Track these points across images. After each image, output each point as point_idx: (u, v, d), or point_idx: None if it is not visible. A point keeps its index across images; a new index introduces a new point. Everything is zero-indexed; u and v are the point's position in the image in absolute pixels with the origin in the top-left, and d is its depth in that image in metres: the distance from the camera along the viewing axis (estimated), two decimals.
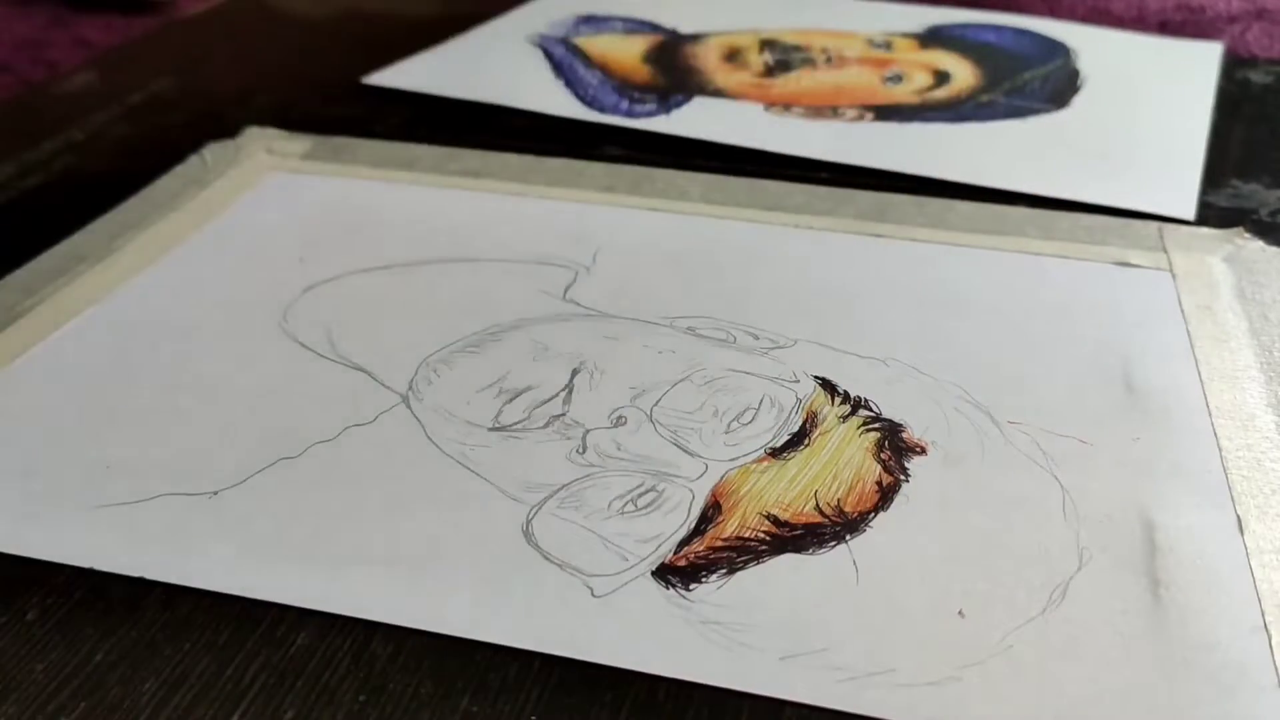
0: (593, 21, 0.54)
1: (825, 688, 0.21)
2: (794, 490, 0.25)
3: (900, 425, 0.27)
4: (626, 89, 0.46)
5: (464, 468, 0.26)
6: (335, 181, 0.39)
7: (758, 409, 0.28)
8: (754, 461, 0.26)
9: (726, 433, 0.27)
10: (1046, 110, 0.45)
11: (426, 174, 0.39)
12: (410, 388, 0.29)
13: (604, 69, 0.49)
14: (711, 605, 0.23)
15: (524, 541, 0.24)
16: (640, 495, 0.25)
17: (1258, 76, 0.49)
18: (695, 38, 0.51)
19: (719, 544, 0.24)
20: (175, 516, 0.25)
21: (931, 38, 0.52)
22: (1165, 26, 0.55)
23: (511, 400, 0.28)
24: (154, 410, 0.28)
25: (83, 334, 0.31)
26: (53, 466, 0.26)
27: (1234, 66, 0.50)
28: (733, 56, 0.49)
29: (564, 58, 0.50)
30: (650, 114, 0.44)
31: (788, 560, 0.24)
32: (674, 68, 0.48)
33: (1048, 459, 0.26)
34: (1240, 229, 0.36)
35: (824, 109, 0.45)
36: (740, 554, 0.24)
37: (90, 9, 0.58)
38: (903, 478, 0.26)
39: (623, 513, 0.25)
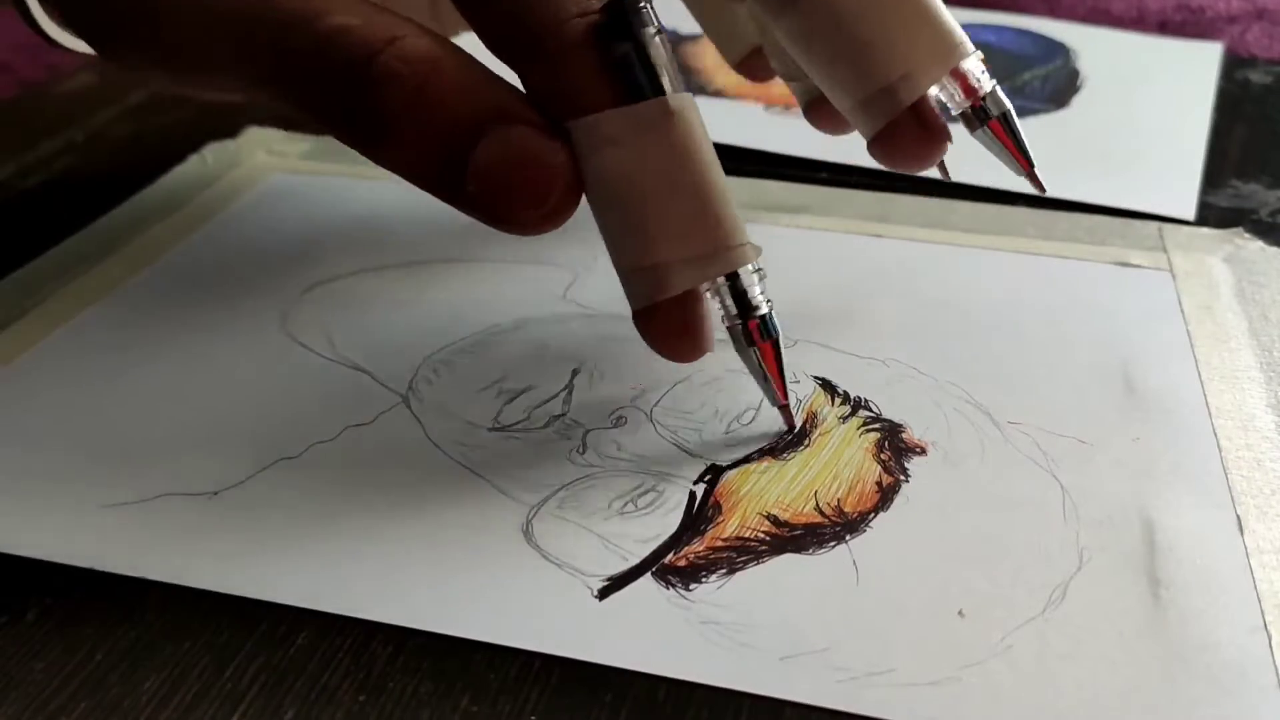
0: None
1: (825, 688, 0.21)
2: (794, 490, 0.25)
3: (900, 425, 0.27)
4: None
5: (464, 468, 0.26)
6: (335, 181, 0.39)
7: (758, 409, 0.28)
8: (754, 462, 0.26)
9: (726, 433, 0.27)
10: (1046, 110, 0.45)
11: None
12: (410, 388, 0.29)
13: None
14: (711, 605, 0.23)
15: (524, 541, 0.24)
16: (640, 495, 0.25)
17: (1258, 76, 0.49)
18: (695, 38, 0.51)
19: (719, 544, 0.24)
20: (175, 516, 0.25)
21: None
22: (1165, 26, 0.55)
23: (511, 400, 0.28)
24: (154, 410, 0.28)
25: (83, 334, 0.31)
26: (53, 466, 0.26)
27: (1234, 66, 0.50)
28: None
29: None
30: None
31: (788, 560, 0.24)
32: None
33: (1048, 459, 0.26)
34: (1240, 229, 0.36)
35: None
36: (740, 554, 0.24)
37: None
38: (903, 478, 0.26)
39: (623, 513, 0.25)
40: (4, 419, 0.28)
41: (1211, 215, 0.37)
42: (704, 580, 0.23)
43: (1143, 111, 0.45)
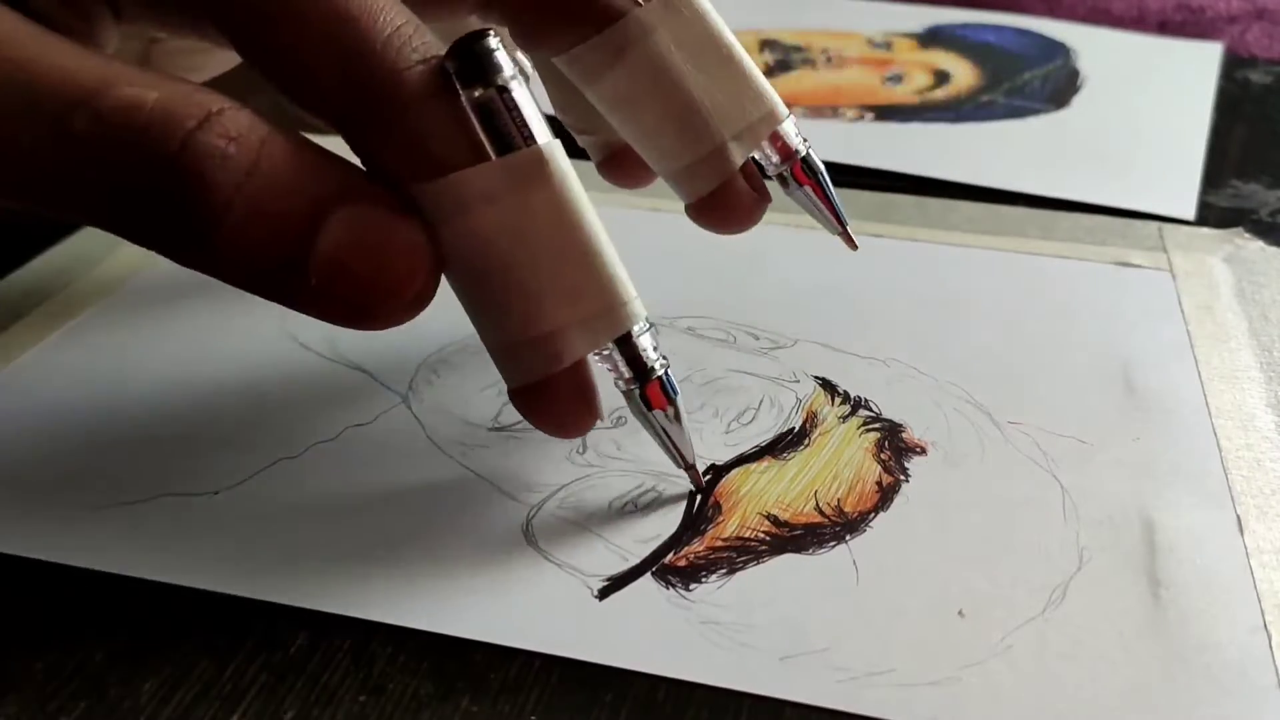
0: None
1: (825, 688, 0.21)
2: (794, 490, 0.25)
3: (900, 425, 0.27)
4: None
5: (464, 468, 0.26)
6: None
7: (758, 409, 0.28)
8: (754, 462, 0.26)
9: (726, 433, 0.27)
10: (1046, 110, 0.45)
11: None
12: (410, 388, 0.29)
13: None
14: (711, 605, 0.23)
15: (524, 541, 0.24)
16: (640, 495, 0.25)
17: (1258, 76, 0.49)
18: None
19: (719, 544, 0.24)
20: (175, 516, 0.25)
21: (931, 38, 0.52)
22: (1165, 26, 0.55)
23: None
24: (154, 410, 0.28)
25: (83, 334, 0.31)
26: (53, 466, 0.26)
27: (1234, 66, 0.50)
28: None
29: None
30: None
31: (788, 560, 0.24)
32: None
33: (1048, 459, 0.26)
34: (1240, 229, 0.36)
35: (824, 109, 0.45)
36: (740, 554, 0.24)
37: None
38: (903, 478, 0.26)
39: (623, 513, 0.25)
40: (4, 419, 0.28)
41: (1211, 215, 0.37)
42: (704, 580, 0.23)
43: (1143, 111, 0.45)
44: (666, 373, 0.23)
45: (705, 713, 0.21)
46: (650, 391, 0.23)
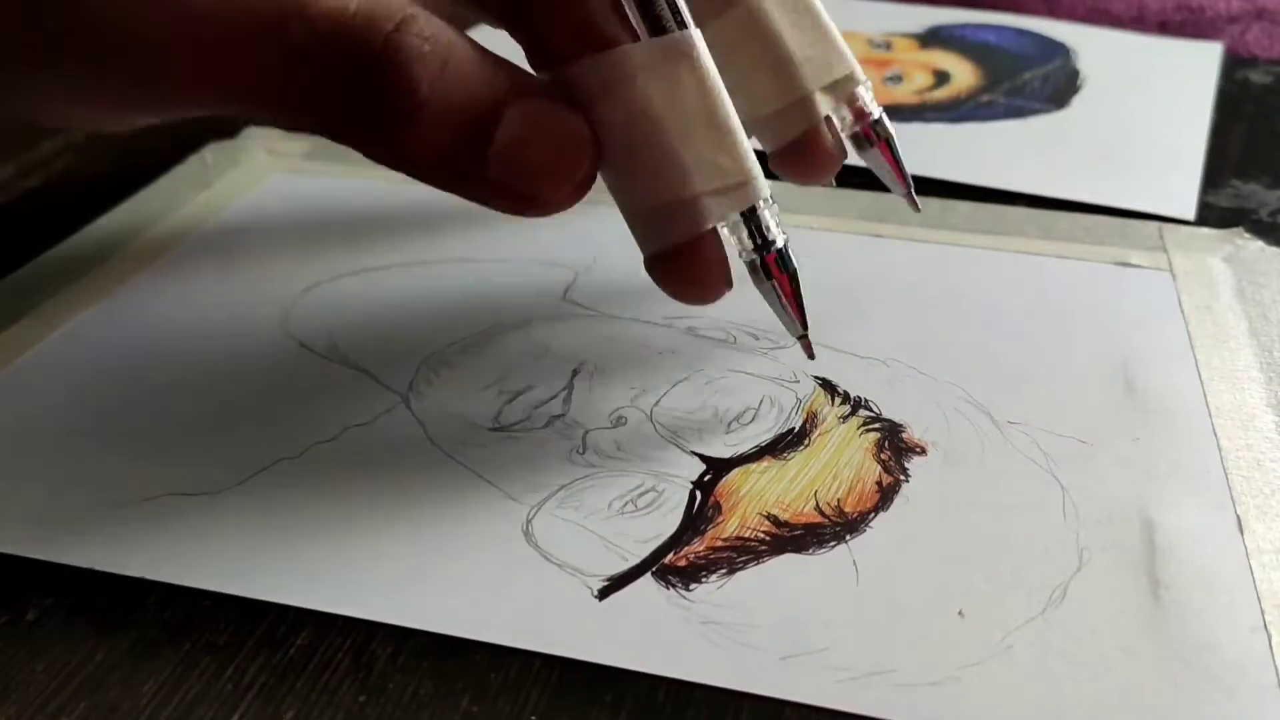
0: None
1: (825, 688, 0.21)
2: (794, 490, 0.25)
3: (900, 425, 0.27)
4: None
5: (464, 468, 0.26)
6: (336, 181, 0.39)
7: (757, 409, 0.28)
8: (754, 462, 0.26)
9: (727, 433, 0.27)
10: (1046, 110, 0.45)
11: None
12: (410, 388, 0.29)
13: None
14: (711, 605, 0.23)
15: (524, 541, 0.24)
16: (640, 495, 0.25)
17: (1258, 76, 0.49)
18: None
19: (719, 544, 0.24)
20: (175, 516, 0.25)
21: (931, 38, 0.52)
22: (1165, 26, 0.55)
23: (512, 400, 0.28)
24: (154, 410, 0.28)
25: (83, 334, 0.31)
26: (53, 466, 0.26)
27: (1234, 66, 0.50)
28: None
29: None
30: None
31: (788, 560, 0.24)
32: None
33: (1048, 459, 0.26)
34: (1240, 229, 0.36)
35: None
36: (740, 554, 0.24)
37: None
38: (903, 478, 0.26)
39: (623, 513, 0.25)
40: (4, 420, 0.28)
41: (1211, 215, 0.37)
42: (704, 580, 0.23)
43: (1143, 111, 0.45)
44: (786, 245, 0.25)
45: (705, 713, 0.21)
46: (770, 260, 0.25)
